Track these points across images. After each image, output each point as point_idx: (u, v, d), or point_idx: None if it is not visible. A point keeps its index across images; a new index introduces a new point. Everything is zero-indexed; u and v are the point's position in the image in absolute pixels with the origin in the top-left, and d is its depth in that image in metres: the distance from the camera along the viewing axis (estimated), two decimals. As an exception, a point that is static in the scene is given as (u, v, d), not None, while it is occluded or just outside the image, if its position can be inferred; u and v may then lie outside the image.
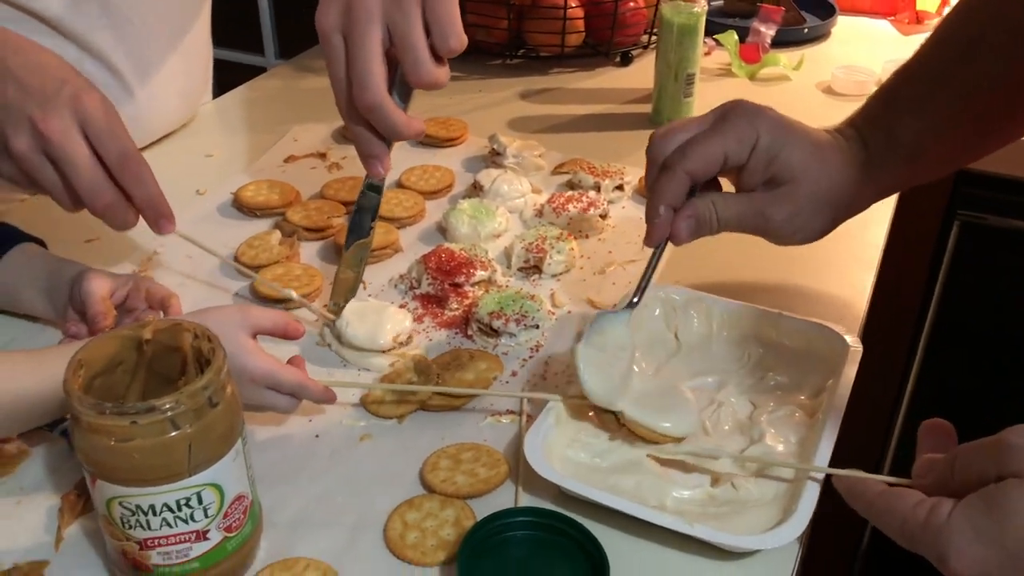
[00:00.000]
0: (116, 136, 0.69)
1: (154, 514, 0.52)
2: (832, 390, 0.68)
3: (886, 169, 0.70)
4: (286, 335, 0.69)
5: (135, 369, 0.56)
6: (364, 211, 0.78)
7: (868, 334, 0.80)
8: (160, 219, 0.73)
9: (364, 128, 0.73)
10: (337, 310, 0.78)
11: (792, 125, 0.68)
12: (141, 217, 0.72)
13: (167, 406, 0.50)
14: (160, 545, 0.53)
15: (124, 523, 0.52)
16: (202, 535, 0.54)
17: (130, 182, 0.70)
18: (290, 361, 0.68)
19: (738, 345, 0.76)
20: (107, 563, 0.58)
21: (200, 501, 0.52)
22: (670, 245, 0.69)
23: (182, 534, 0.53)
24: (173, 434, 0.50)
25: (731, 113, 0.67)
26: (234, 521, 0.55)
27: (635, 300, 0.69)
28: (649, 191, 0.68)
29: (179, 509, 0.52)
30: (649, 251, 0.70)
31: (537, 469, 0.61)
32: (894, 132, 0.69)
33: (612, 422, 0.66)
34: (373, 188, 0.78)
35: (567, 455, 0.65)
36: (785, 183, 0.67)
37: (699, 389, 0.71)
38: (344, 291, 0.79)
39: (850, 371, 0.69)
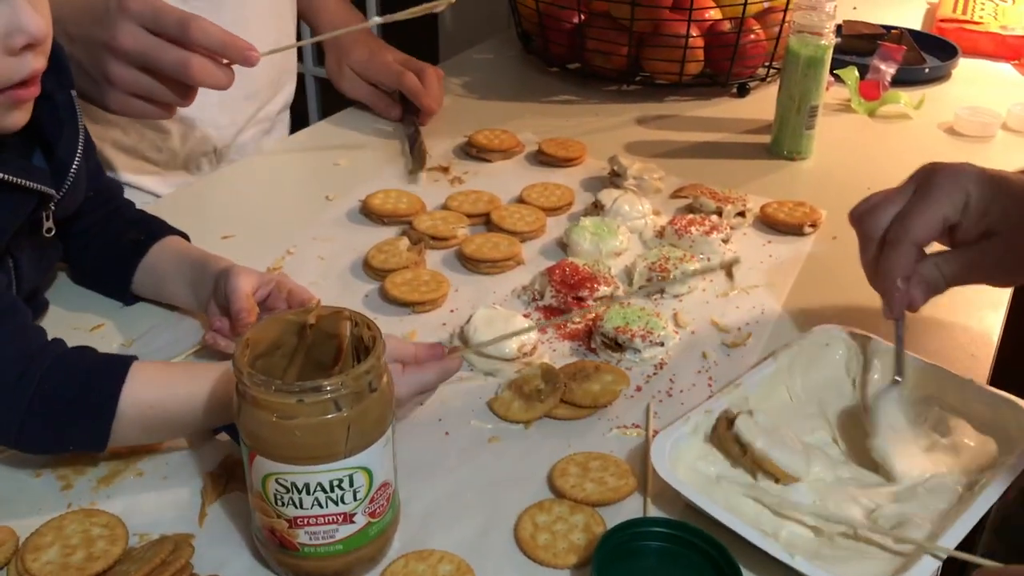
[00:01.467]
0: (165, 13, 0.79)
1: (308, 493, 0.54)
2: (1003, 466, 0.64)
3: None
4: (418, 364, 0.69)
5: (293, 354, 0.58)
6: None
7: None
8: (243, 52, 0.80)
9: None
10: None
11: (997, 176, 0.69)
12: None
13: (331, 387, 0.52)
14: (309, 524, 0.55)
15: (277, 500, 0.54)
16: (349, 518, 0.55)
17: (199, 39, 0.79)
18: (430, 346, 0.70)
19: (918, 404, 0.72)
20: (249, 540, 0.60)
21: (351, 483, 0.54)
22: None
23: (331, 515, 0.55)
24: (333, 415, 0.52)
25: (935, 176, 0.69)
26: (378, 507, 0.56)
27: (898, 378, 0.70)
28: (873, 266, 0.71)
29: (331, 490, 0.54)
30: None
31: (660, 472, 0.62)
32: None
33: (735, 450, 0.66)
34: None
35: (696, 466, 0.65)
36: (999, 233, 0.68)
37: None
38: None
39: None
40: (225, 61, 0.82)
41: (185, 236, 0.86)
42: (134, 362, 0.63)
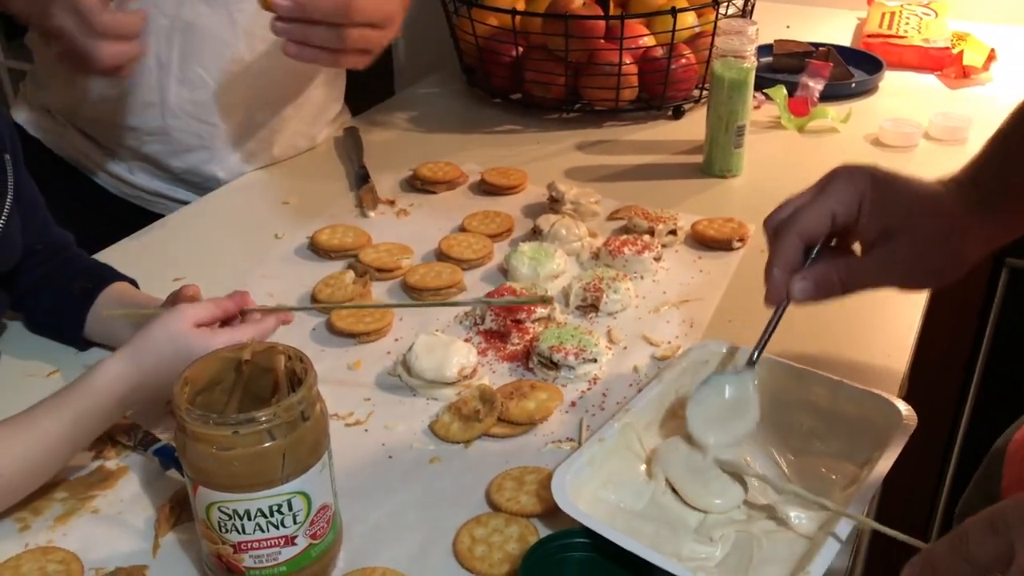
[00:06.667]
0: None
1: (249, 519, 0.57)
2: (877, 461, 0.67)
3: (1000, 209, 0.70)
4: (227, 313, 0.75)
5: (232, 388, 0.62)
6: None
7: (915, 390, 0.81)
8: None
9: None
10: None
11: (896, 177, 0.70)
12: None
13: (265, 418, 0.55)
14: (252, 548, 0.58)
15: (221, 527, 0.58)
16: (290, 540, 0.59)
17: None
18: (231, 296, 0.76)
19: (792, 408, 0.75)
20: (200, 568, 0.63)
21: (290, 508, 0.58)
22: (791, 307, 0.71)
23: (273, 538, 0.58)
24: (269, 444, 0.56)
25: (835, 176, 0.70)
26: (319, 529, 0.60)
27: (755, 357, 0.71)
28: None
29: (271, 515, 0.57)
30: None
31: (560, 504, 0.63)
32: (1005, 172, 0.70)
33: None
34: None
35: (599, 495, 0.68)
36: (898, 232, 0.68)
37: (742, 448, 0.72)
38: None
39: (900, 442, 0.68)
40: None
41: (133, 282, 0.89)
42: None
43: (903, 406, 0.72)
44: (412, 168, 1.20)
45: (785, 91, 1.36)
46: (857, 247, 0.72)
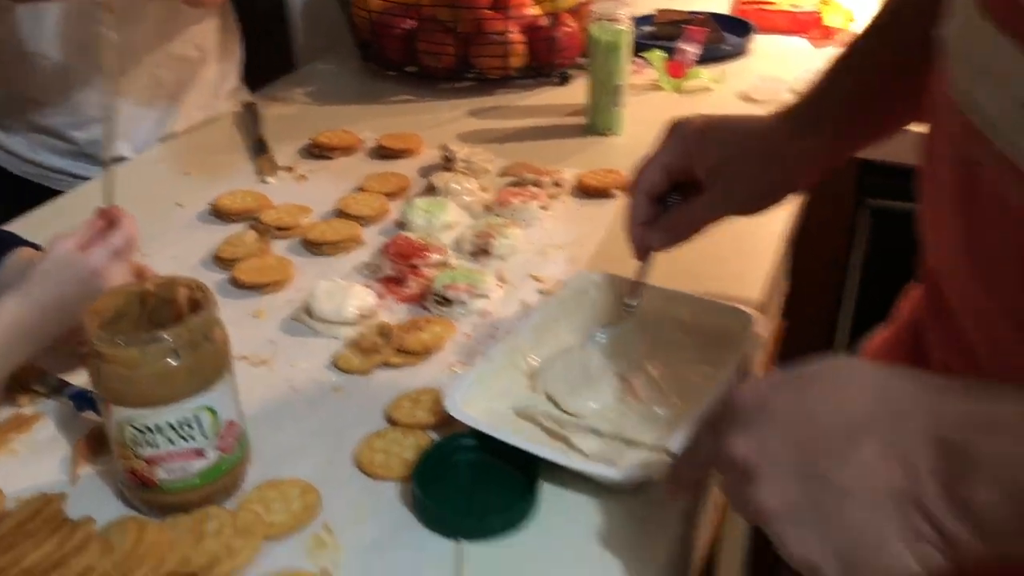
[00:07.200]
0: None
1: (159, 433, 0.62)
2: (734, 361, 0.76)
3: (816, 135, 0.76)
4: (111, 222, 0.79)
5: (137, 320, 0.67)
6: None
7: (794, 321, 0.88)
8: None
9: None
10: None
11: (723, 119, 0.76)
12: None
13: (168, 337, 0.60)
14: (164, 461, 0.63)
15: (134, 443, 0.62)
16: (200, 453, 0.64)
17: None
18: (102, 214, 0.79)
19: (662, 326, 0.83)
20: (117, 491, 0.68)
21: (198, 422, 0.63)
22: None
23: (183, 451, 0.63)
24: (174, 362, 0.61)
25: (667, 132, 0.77)
26: (228, 444, 0.65)
27: (631, 303, 0.79)
28: None
29: (180, 428, 0.62)
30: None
31: (450, 410, 0.70)
32: (821, 104, 0.76)
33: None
34: None
35: (488, 407, 0.74)
36: (725, 165, 0.75)
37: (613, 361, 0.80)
38: None
39: (753, 341, 0.77)
40: None
41: (38, 247, 0.92)
42: None
43: (752, 312, 0.81)
44: (311, 138, 1.25)
45: (662, 54, 1.45)
46: None
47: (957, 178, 0.57)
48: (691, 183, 0.77)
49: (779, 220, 1.04)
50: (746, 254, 0.99)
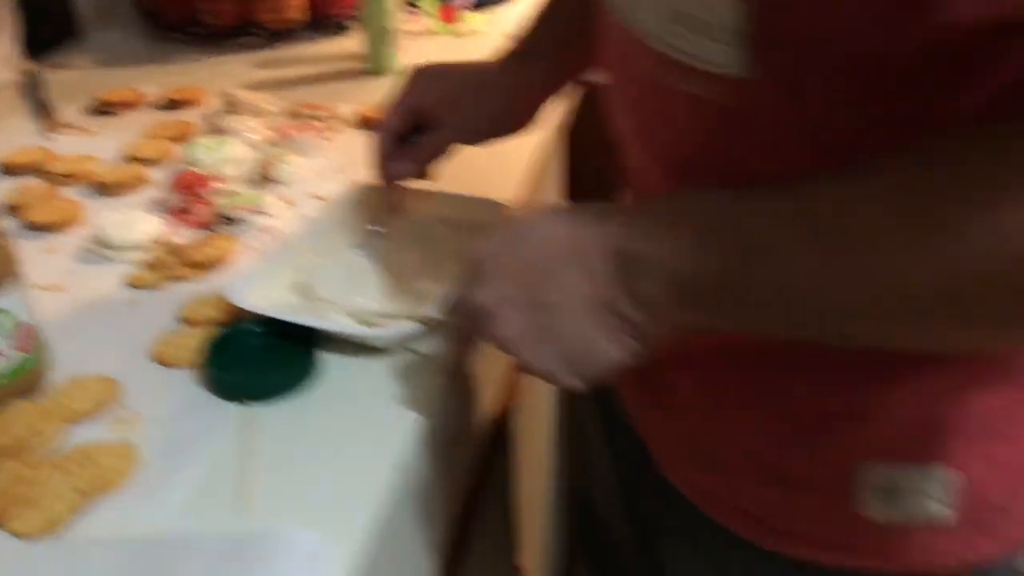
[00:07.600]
0: None
1: (-45, 335, 0.68)
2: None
3: (538, 59, 0.86)
4: None
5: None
6: None
7: None
8: None
9: None
10: None
11: (452, 63, 0.87)
12: None
13: (-47, 243, 0.66)
14: (-37, 362, 0.69)
15: (-69, 348, 0.68)
16: (-1, 353, 0.70)
17: None
18: None
19: (422, 226, 0.93)
20: (-79, 404, 0.73)
21: (-8, 322, 0.69)
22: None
23: (-19, 352, 0.69)
24: (-38, 266, 0.67)
25: (407, 77, 0.88)
26: (26, 344, 0.72)
27: (381, 231, 0.91)
28: None
29: (-25, 329, 0.68)
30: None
31: (233, 299, 0.79)
32: (540, 32, 0.87)
33: None
34: None
35: (271, 297, 0.83)
36: (452, 98, 0.86)
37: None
38: None
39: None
40: None
41: None
42: None
43: (503, 201, 0.93)
44: (95, 97, 1.29)
45: (436, 2, 1.56)
46: None
47: (633, 77, 0.66)
48: (434, 124, 0.88)
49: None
50: (502, 164, 1.12)
